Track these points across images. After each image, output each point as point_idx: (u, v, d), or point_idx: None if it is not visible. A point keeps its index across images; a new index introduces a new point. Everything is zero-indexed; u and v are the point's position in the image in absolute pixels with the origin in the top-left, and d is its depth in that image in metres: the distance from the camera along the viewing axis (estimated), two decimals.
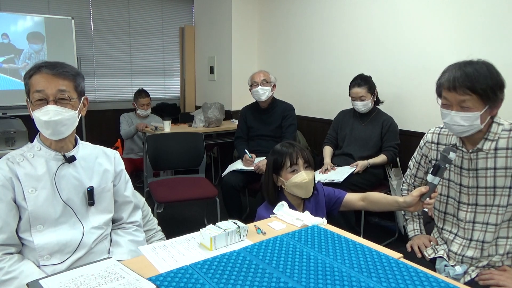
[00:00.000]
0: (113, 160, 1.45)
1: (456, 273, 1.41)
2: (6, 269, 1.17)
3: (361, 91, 2.74)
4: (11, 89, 3.95)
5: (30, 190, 1.24)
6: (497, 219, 1.37)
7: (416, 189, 1.40)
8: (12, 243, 1.22)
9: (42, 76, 1.23)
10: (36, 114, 1.23)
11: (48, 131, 1.25)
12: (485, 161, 1.37)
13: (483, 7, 2.46)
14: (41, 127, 1.25)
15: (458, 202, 1.46)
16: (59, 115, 1.23)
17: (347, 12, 3.39)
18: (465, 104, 1.29)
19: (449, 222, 1.53)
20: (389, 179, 2.82)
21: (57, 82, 1.24)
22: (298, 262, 1.03)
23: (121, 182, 1.46)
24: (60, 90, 1.24)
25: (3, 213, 1.20)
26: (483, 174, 1.38)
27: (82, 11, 4.50)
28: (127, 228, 1.47)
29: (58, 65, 1.26)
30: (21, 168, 1.25)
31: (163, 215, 3.46)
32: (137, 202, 1.52)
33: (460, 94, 1.29)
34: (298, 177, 1.56)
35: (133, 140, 3.96)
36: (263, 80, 3.05)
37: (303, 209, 1.62)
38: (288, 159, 1.58)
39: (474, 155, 1.39)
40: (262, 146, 3.07)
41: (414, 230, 1.67)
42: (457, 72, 1.29)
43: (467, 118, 1.30)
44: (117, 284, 0.89)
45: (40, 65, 1.25)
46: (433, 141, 1.56)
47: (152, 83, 5.09)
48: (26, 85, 1.26)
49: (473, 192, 1.41)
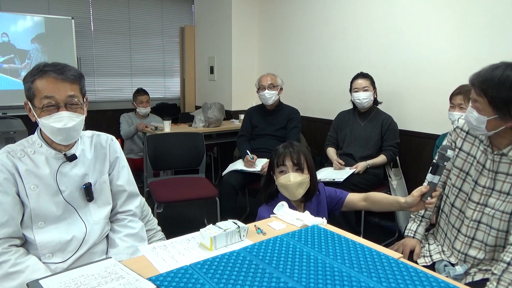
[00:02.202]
0: (107, 149, 1.42)
1: (456, 273, 1.41)
2: (13, 261, 1.15)
3: (365, 82, 2.78)
4: (11, 89, 3.95)
5: (32, 187, 1.23)
6: (499, 224, 1.36)
7: (417, 189, 1.40)
8: (17, 236, 1.22)
9: (49, 81, 1.19)
10: (46, 121, 1.20)
11: (60, 137, 1.24)
12: (507, 166, 1.35)
13: (483, 7, 2.46)
14: (52, 133, 1.23)
15: (468, 199, 1.45)
16: (73, 121, 1.22)
17: (347, 12, 3.39)
18: (476, 104, 1.30)
19: (454, 216, 1.51)
20: (389, 179, 2.82)
21: (65, 86, 1.21)
22: (298, 262, 1.03)
23: (115, 170, 1.43)
24: (70, 95, 1.22)
25: (8, 207, 1.19)
26: (501, 178, 1.36)
27: (82, 11, 4.50)
28: (121, 220, 1.43)
29: (65, 69, 1.22)
30: (22, 164, 1.23)
31: (163, 215, 3.46)
32: (133, 190, 1.47)
33: (476, 92, 1.29)
34: (284, 178, 1.57)
35: (133, 140, 3.97)
36: (270, 84, 3.08)
37: (304, 209, 1.62)
38: (277, 159, 1.60)
39: (498, 157, 1.37)
40: (265, 144, 3.09)
41: (409, 231, 1.65)
42: (486, 71, 1.28)
43: (475, 118, 1.31)
44: (117, 284, 0.89)
45: (45, 69, 1.20)
46: (463, 128, 1.52)
47: (152, 83, 5.10)
48: (29, 89, 1.21)
49: (487, 193, 1.39)
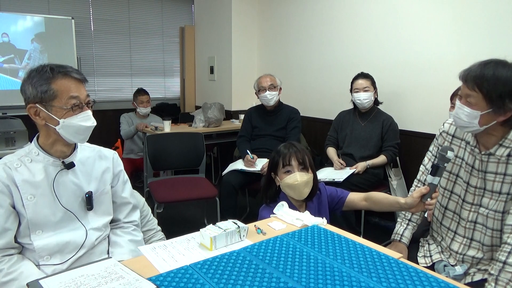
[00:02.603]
0: (111, 161, 1.43)
1: (456, 274, 1.41)
2: (6, 270, 1.16)
3: (365, 82, 2.78)
4: (11, 89, 3.95)
5: (29, 197, 1.22)
6: (493, 223, 1.36)
7: (417, 190, 1.40)
8: (11, 247, 1.21)
9: (70, 81, 1.22)
10: (74, 120, 1.23)
11: (82, 137, 1.27)
12: (495, 166, 1.35)
13: (483, 7, 2.46)
14: (77, 133, 1.25)
15: (463, 200, 1.45)
16: (95, 120, 1.29)
17: (347, 12, 3.39)
18: (469, 99, 1.29)
19: (448, 218, 1.52)
20: (389, 179, 2.82)
21: (83, 87, 1.27)
22: (298, 262, 1.03)
23: (119, 183, 1.45)
24: (87, 95, 1.28)
25: (1, 219, 1.18)
26: (491, 178, 1.37)
27: (82, 11, 4.50)
28: (125, 227, 1.46)
29: (75, 69, 1.26)
30: (18, 174, 1.22)
31: (163, 215, 3.46)
32: (135, 203, 1.52)
33: (468, 87, 1.29)
34: (290, 178, 1.56)
35: (133, 140, 3.96)
36: (270, 85, 3.07)
37: (306, 209, 1.62)
38: (281, 159, 1.59)
39: (486, 157, 1.37)
40: (265, 145, 3.09)
41: (396, 234, 1.65)
42: (477, 67, 1.29)
43: (467, 114, 1.30)
44: (117, 284, 0.89)
45: (63, 70, 1.22)
46: (449, 132, 1.53)
47: (152, 83, 5.10)
48: (45, 91, 1.19)
49: (480, 193, 1.40)
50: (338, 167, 2.75)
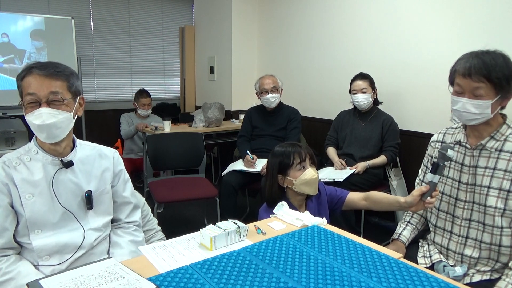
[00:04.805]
0: (112, 160, 1.42)
1: (455, 274, 1.41)
2: (3, 270, 1.16)
3: (363, 83, 2.78)
4: (11, 89, 3.94)
5: (27, 196, 1.21)
6: (493, 220, 1.35)
7: (417, 189, 1.40)
8: (9, 247, 1.21)
9: (33, 78, 1.18)
10: (29, 118, 1.19)
11: (43, 135, 1.21)
12: (486, 160, 1.37)
13: (483, 7, 2.46)
14: (35, 130, 1.22)
15: (455, 199, 1.46)
16: (53, 118, 1.19)
17: (347, 12, 3.39)
18: (478, 91, 1.29)
19: (442, 220, 1.52)
20: (389, 179, 2.82)
21: (49, 83, 1.19)
22: (298, 262, 1.03)
23: (120, 182, 1.44)
24: (53, 92, 1.19)
25: (0, 218, 1.18)
26: (481, 172, 1.38)
27: (82, 11, 4.50)
28: (126, 227, 1.45)
29: (49, 65, 1.21)
30: (17, 173, 1.22)
31: (163, 215, 3.46)
32: (136, 202, 1.51)
33: (475, 81, 1.29)
34: (307, 174, 1.55)
35: (133, 140, 3.96)
36: (273, 88, 3.07)
37: (306, 208, 1.62)
38: (298, 156, 1.58)
39: (477, 152, 1.38)
40: (265, 145, 3.08)
41: (395, 234, 1.66)
42: (474, 59, 1.29)
43: (479, 105, 1.30)
44: (117, 284, 0.89)
45: (31, 66, 1.20)
46: (438, 139, 1.56)
47: (152, 83, 5.09)
48: (18, 87, 1.22)
49: (471, 189, 1.41)
50: (339, 167, 2.75)
